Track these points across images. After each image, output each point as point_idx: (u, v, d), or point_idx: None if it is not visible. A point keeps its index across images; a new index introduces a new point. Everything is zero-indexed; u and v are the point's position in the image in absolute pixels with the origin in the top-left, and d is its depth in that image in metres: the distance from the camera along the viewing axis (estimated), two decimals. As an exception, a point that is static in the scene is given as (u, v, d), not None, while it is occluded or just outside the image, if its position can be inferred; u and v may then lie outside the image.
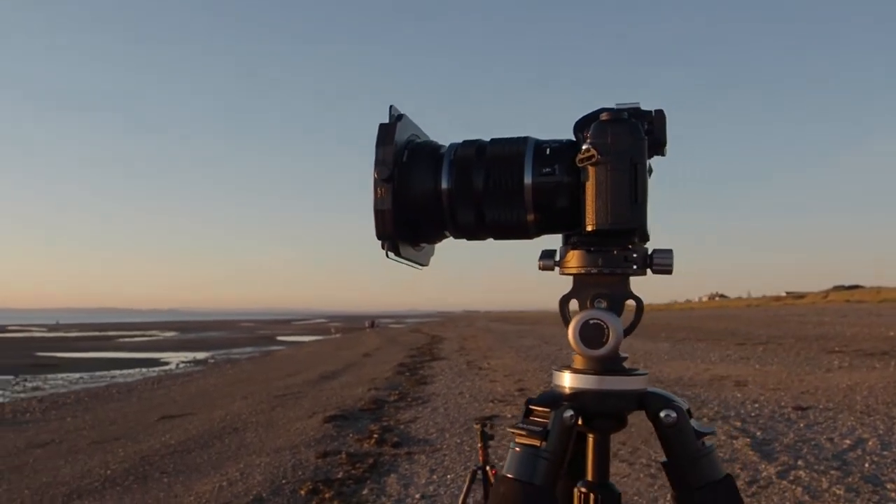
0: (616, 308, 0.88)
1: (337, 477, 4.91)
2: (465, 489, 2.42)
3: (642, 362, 11.72)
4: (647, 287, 0.90)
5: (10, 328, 69.44)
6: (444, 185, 0.91)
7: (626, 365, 0.91)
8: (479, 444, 2.35)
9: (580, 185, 0.86)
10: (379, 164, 0.88)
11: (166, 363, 26.00)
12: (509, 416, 7.34)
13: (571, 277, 0.90)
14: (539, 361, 13.85)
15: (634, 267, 0.88)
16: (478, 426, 2.41)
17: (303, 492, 4.56)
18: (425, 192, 0.91)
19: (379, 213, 0.89)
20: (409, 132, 0.93)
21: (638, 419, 0.96)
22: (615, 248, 0.88)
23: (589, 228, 0.86)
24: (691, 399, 7.22)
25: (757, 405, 6.67)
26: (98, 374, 21.25)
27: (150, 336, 53.15)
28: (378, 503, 4.26)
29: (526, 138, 0.91)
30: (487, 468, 2.34)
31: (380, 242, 0.91)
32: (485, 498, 2.54)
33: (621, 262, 0.88)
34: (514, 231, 0.92)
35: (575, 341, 0.87)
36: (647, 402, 0.89)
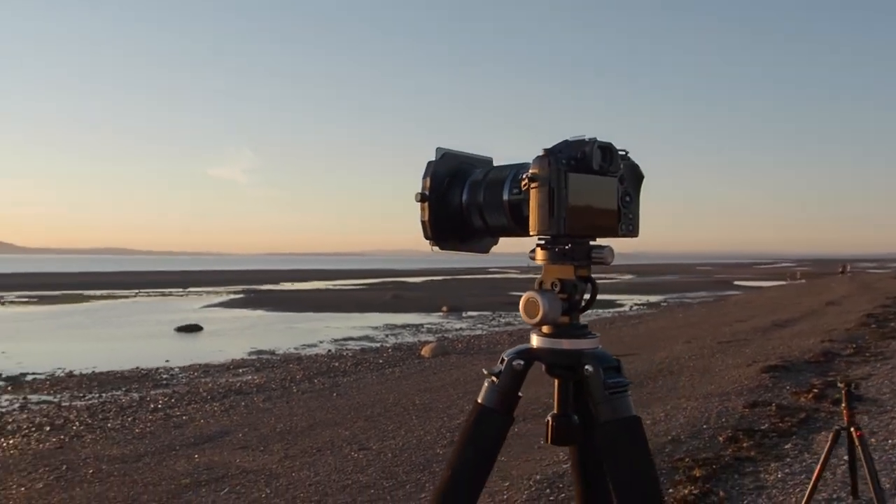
0: (567, 290, 1.16)
1: (760, 428, 4.75)
2: (826, 448, 2.22)
3: None
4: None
5: (490, 270, 79.40)
6: (464, 199, 1.26)
7: (589, 332, 1.20)
8: (844, 405, 2.12)
9: None
10: (421, 190, 1.25)
11: (621, 305, 27.25)
12: None
13: (542, 266, 1.20)
14: None
15: (575, 260, 1.17)
16: (843, 385, 2.17)
17: (721, 438, 4.54)
18: (455, 206, 1.27)
19: (422, 223, 1.26)
20: (455, 163, 1.28)
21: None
22: (556, 247, 1.17)
23: (532, 234, 1.17)
24: None
25: None
26: (560, 312, 23.23)
27: (609, 278, 55.92)
28: (799, 459, 4.04)
29: (516, 165, 1.22)
30: (852, 429, 2.10)
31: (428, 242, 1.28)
32: (850, 460, 2.28)
33: (560, 257, 1.17)
34: (508, 232, 1.25)
35: (522, 313, 1.17)
36: (581, 359, 1.17)
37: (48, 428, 7.34)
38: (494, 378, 1.22)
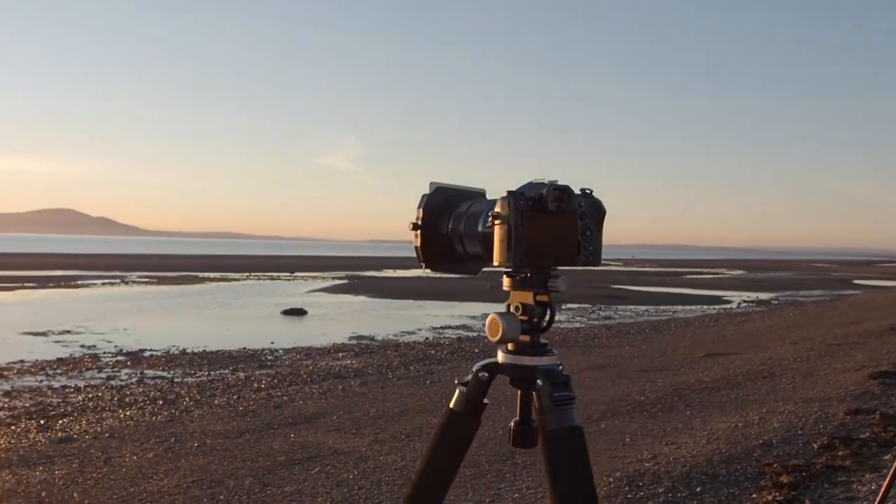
0: (529, 313, 1.31)
1: (860, 437, 4.56)
2: (895, 465, 2.13)
3: None
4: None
5: (595, 262, 78.15)
6: (450, 228, 1.40)
7: (547, 350, 1.34)
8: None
9: None
10: (415, 220, 1.41)
11: (728, 301, 26.35)
12: None
13: (508, 291, 1.35)
14: None
15: (534, 287, 1.31)
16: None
17: (815, 445, 4.39)
18: (443, 234, 1.41)
19: (415, 249, 1.41)
20: (447, 195, 1.42)
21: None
22: (518, 275, 1.32)
23: (495, 264, 1.31)
24: None
25: None
26: (662, 307, 22.70)
27: (717, 273, 54.11)
28: (898, 472, 3.86)
29: (493, 201, 1.32)
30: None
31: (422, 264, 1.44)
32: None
33: (521, 284, 1.32)
34: (483, 259, 1.38)
35: (487, 332, 1.32)
36: (535, 373, 1.31)
37: (161, 402, 7.84)
38: (464, 387, 1.40)
